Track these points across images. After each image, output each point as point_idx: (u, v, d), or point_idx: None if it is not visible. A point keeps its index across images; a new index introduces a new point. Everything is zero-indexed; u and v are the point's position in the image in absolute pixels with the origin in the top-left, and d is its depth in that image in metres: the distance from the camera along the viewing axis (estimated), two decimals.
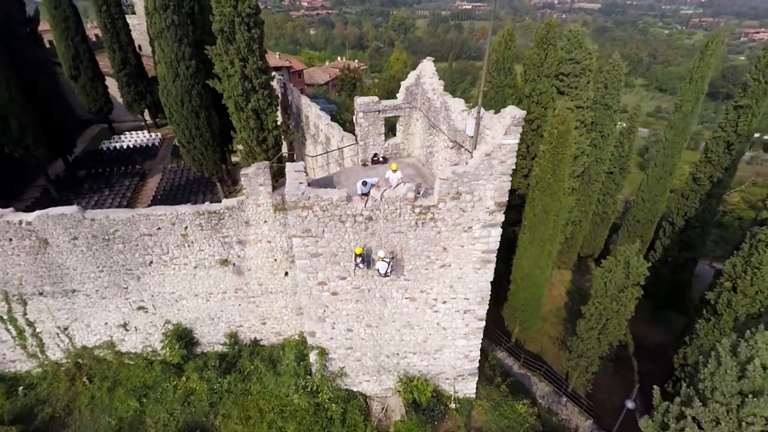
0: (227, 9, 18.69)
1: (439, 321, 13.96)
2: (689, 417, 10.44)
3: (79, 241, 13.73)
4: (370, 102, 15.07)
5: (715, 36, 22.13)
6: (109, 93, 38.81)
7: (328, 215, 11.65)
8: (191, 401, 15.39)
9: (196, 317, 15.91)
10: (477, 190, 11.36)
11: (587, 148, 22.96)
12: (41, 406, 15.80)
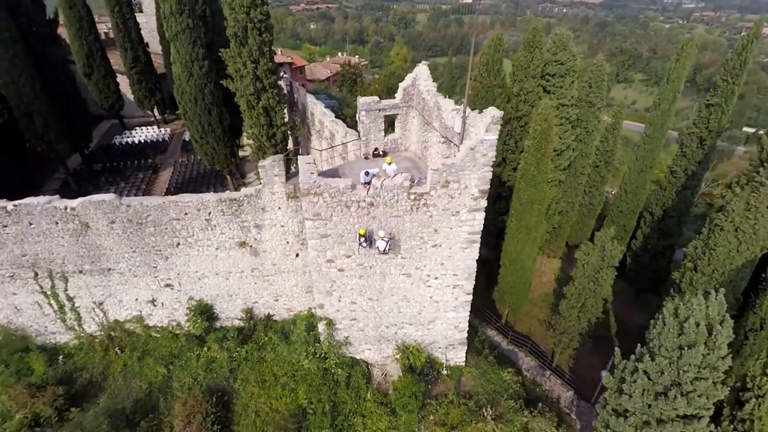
0: (241, 15, 20.44)
1: (432, 295, 15.97)
2: (641, 370, 12.42)
3: (116, 224, 15.69)
4: (372, 102, 16.94)
5: (690, 40, 23.91)
6: (120, 90, 40.60)
7: (336, 201, 13.59)
8: (213, 368, 17.44)
9: (216, 294, 17.91)
10: (463, 179, 13.29)
11: (572, 143, 24.83)
12: (79, 372, 17.85)
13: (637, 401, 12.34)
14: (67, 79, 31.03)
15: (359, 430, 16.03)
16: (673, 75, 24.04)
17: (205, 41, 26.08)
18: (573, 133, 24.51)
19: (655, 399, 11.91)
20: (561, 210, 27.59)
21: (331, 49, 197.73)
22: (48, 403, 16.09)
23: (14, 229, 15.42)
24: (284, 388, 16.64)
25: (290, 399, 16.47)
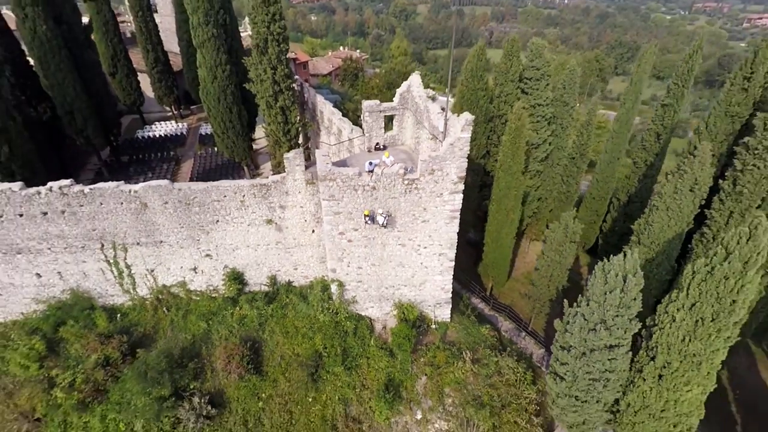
0: (262, 29, 24.11)
1: (422, 261, 19.96)
2: (579, 314, 16.40)
3: (168, 204, 19.63)
4: (374, 104, 20.77)
5: (649, 48, 27.42)
6: (140, 87, 44.25)
7: (346, 185, 17.49)
8: (245, 322, 21.52)
9: (246, 263, 21.93)
10: (445, 168, 17.16)
11: (548, 137, 28.60)
12: (134, 327, 21.96)
13: (576, 337, 16.36)
14: (100, 80, 34.85)
15: (364, 368, 20.22)
16: (635, 78, 27.72)
17: (226, 47, 29.82)
18: (549, 129, 28.27)
19: (587, 333, 15.92)
20: (540, 197, 31.46)
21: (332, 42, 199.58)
22: (116, 348, 20.25)
23: (88, 209, 19.39)
24: (304, 337, 20.77)
25: (309, 345, 20.61)
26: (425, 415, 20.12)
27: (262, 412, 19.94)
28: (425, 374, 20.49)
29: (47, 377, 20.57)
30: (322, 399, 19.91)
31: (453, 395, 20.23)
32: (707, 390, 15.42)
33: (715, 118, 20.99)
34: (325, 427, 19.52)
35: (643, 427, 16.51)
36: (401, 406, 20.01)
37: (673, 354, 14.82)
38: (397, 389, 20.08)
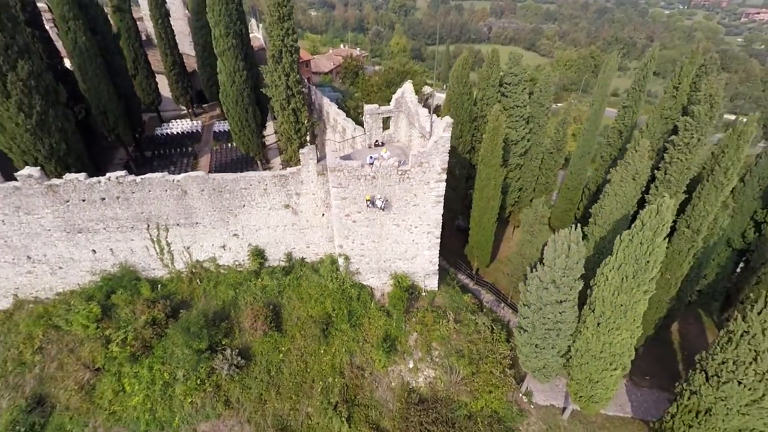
0: (278, 42, 28.22)
1: (414, 238, 24.28)
2: (536, 276, 20.71)
3: (204, 192, 23.90)
4: (374, 108, 25.00)
5: (611, 58, 31.46)
6: (158, 88, 48.31)
7: (351, 175, 21.74)
8: (266, 290, 25.89)
9: (267, 242, 26.25)
10: (431, 161, 21.40)
11: (526, 135, 32.82)
12: (173, 295, 26.31)
13: (533, 294, 20.73)
14: (128, 83, 39.01)
15: (366, 326, 24.64)
16: (601, 83, 31.86)
17: (242, 55, 33.91)
18: (527, 128, 32.49)
19: (542, 291, 20.27)
20: (520, 187, 35.74)
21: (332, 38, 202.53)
22: (161, 311, 24.65)
23: (138, 195, 23.67)
24: (316, 301, 25.17)
25: (320, 308, 25.01)
26: (416, 364, 24.58)
27: (282, 362, 24.40)
28: (416, 331, 24.94)
29: (103, 336, 24.98)
30: (332, 351, 24.38)
31: (439, 348, 24.68)
32: (635, 335, 19.78)
33: (653, 120, 25.19)
34: (334, 374, 23.99)
35: (588, 368, 20.91)
36: (396, 357, 24.47)
37: (607, 305, 19.16)
38: (393, 343, 24.53)
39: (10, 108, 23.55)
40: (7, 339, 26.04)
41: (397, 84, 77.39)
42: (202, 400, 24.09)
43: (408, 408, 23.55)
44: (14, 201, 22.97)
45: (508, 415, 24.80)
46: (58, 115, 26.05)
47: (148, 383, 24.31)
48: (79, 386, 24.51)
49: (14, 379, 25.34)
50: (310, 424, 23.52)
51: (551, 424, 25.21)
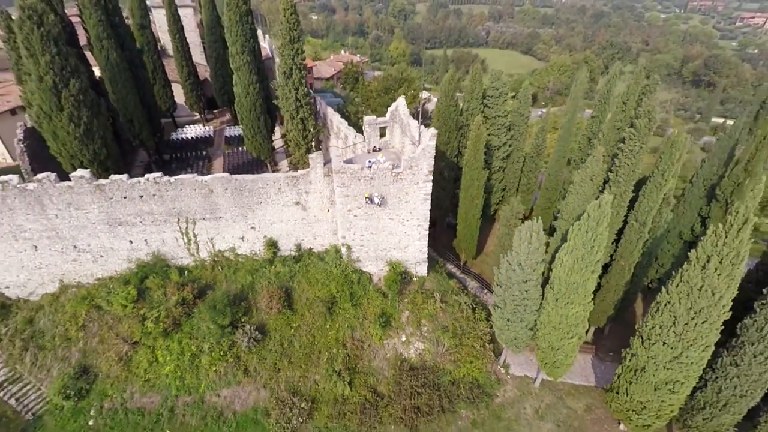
0: (288, 60, 32.56)
1: (406, 231, 28.59)
2: (506, 261, 25.01)
3: (228, 190, 28.21)
4: (372, 119, 29.37)
5: (581, 72, 35.78)
6: (174, 96, 52.71)
7: (353, 176, 26.05)
8: (279, 275, 30.18)
9: (280, 234, 30.54)
10: (419, 165, 25.72)
11: (508, 141, 37.17)
12: (198, 280, 30.58)
13: (504, 275, 25.04)
14: (150, 92, 43.40)
15: (365, 305, 28.97)
16: (573, 95, 36.22)
17: (255, 70, 38.27)
18: (508, 135, 36.84)
19: (510, 272, 24.56)
20: (504, 187, 40.07)
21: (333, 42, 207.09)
22: (189, 292, 28.95)
23: (172, 193, 27.97)
24: (322, 285, 29.48)
25: (326, 290, 29.32)
26: (408, 338, 28.88)
27: (293, 336, 28.69)
28: (408, 310, 29.26)
29: (139, 314, 29.25)
30: (336, 326, 28.69)
31: (427, 324, 28.98)
32: (587, 309, 24.03)
33: (608, 130, 29.55)
34: (338, 346, 28.28)
35: (550, 337, 25.18)
36: (391, 332, 28.78)
37: (562, 284, 23.43)
38: (388, 320, 28.83)
39: (63, 119, 27.94)
40: (54, 318, 30.31)
41: (395, 90, 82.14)
42: (225, 369, 28.39)
43: (400, 375, 27.84)
44: (67, 198, 27.29)
45: (487, 383, 29.09)
46: (100, 125, 30.42)
47: (178, 355, 28.60)
48: (119, 357, 28.79)
49: (62, 351, 29.61)
50: (317, 389, 27.81)
51: (524, 391, 29.49)
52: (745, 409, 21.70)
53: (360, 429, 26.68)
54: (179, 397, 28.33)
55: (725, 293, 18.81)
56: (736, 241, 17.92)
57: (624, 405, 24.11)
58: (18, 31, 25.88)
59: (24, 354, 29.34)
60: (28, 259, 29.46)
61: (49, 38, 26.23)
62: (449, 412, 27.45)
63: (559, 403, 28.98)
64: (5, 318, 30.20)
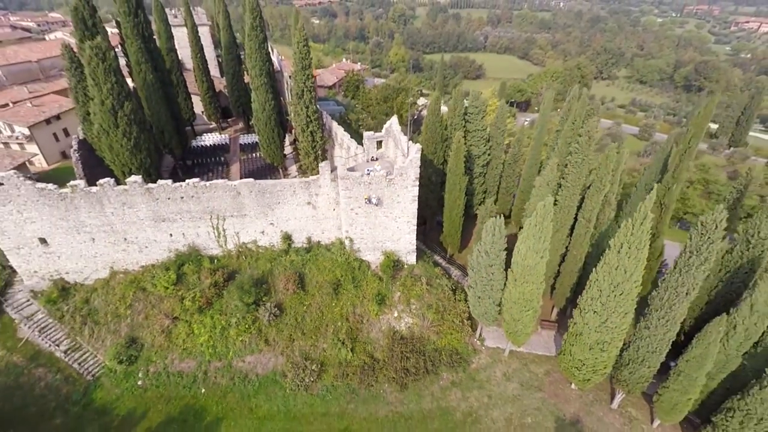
0: (300, 84, 39.16)
1: (398, 226, 35.19)
2: (476, 250, 31.54)
3: (252, 193, 34.83)
4: (371, 134, 36.02)
5: (548, 93, 42.37)
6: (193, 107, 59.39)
7: (355, 181, 32.66)
8: (293, 263, 36.78)
9: (294, 228, 37.15)
10: (408, 173, 32.33)
11: (486, 150, 43.74)
12: (226, 267, 37.17)
13: (475, 261, 31.60)
14: (177, 106, 50.14)
15: (364, 287, 35.58)
16: (542, 111, 42.77)
17: (271, 88, 44.93)
18: (486, 146, 43.43)
19: (479, 258, 31.11)
20: (485, 190, 46.66)
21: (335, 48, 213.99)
22: (220, 276, 35.55)
23: (207, 195, 34.58)
24: (329, 270, 36.08)
25: (332, 275, 35.91)
26: (399, 314, 35.47)
27: (305, 312, 35.30)
28: (399, 291, 35.85)
29: (177, 295, 35.82)
30: (340, 304, 35.28)
31: (415, 303, 35.59)
32: (540, 288, 30.50)
33: (561, 143, 36.13)
34: (342, 320, 34.87)
35: (511, 310, 31.70)
36: (385, 309, 35.36)
37: (519, 267, 29.95)
38: (383, 299, 35.42)
39: (118, 135, 34.62)
40: (106, 298, 36.91)
41: (393, 99, 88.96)
42: (249, 339, 34.97)
43: (393, 343, 34.40)
44: (122, 199, 33.89)
45: (464, 352, 35.66)
46: (145, 139, 37.10)
47: (210, 328, 35.18)
48: (161, 330, 35.36)
49: (113, 326, 36.19)
50: (325, 355, 34.38)
51: (495, 359, 36.02)
52: (658, 363, 28.23)
53: (360, 386, 33.26)
54: (211, 362, 34.87)
55: (634, 271, 25.33)
56: (639, 232, 24.43)
57: (568, 363, 30.68)
58: (86, 65, 32.53)
59: (83, 328, 35.92)
60: (86, 249, 36.04)
61: (110, 70, 32.90)
62: (432, 374, 34.00)
63: (523, 368, 35.51)
64: (66, 299, 36.80)
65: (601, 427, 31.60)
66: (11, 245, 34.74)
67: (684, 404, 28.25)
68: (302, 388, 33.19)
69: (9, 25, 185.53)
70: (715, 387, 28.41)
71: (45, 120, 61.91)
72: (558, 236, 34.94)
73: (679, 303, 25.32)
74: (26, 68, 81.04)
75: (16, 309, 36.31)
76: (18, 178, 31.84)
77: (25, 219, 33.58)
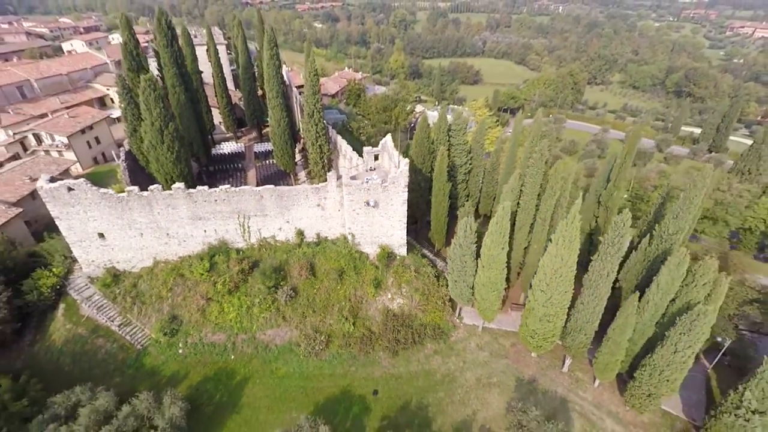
0: (311, 106, 47.59)
1: (391, 224, 43.65)
2: (454, 243, 39.89)
3: (272, 196, 43.31)
4: (369, 149, 44.53)
5: (519, 117, 50.75)
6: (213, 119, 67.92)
7: (356, 188, 41.09)
8: (305, 254, 45.27)
9: (306, 226, 45.62)
10: (398, 181, 40.74)
11: (467, 161, 52.10)
12: (249, 257, 45.62)
13: (452, 251, 39.98)
14: (203, 121, 58.74)
15: (364, 274, 44.06)
16: (514, 130, 51.08)
17: (285, 106, 53.43)
18: (468, 156, 51.81)
19: (456, 249, 39.46)
20: (468, 194, 55.04)
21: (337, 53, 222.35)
22: (246, 264, 44.04)
23: (236, 198, 43.04)
24: (335, 260, 44.55)
25: (337, 264, 44.38)
26: (392, 295, 43.88)
27: (315, 294, 43.73)
28: (392, 277, 44.26)
29: (210, 280, 44.26)
30: (344, 288, 43.72)
31: (405, 287, 44.01)
32: (503, 273, 38.80)
33: (523, 157, 44.42)
34: (345, 300, 43.32)
35: (481, 291, 40.03)
36: (381, 291, 43.77)
37: (485, 256, 38.26)
38: (379, 283, 43.82)
39: (164, 149, 43.09)
40: (150, 283, 45.34)
41: (391, 109, 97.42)
42: (269, 316, 43.37)
43: (386, 319, 42.77)
44: (167, 201, 42.33)
45: (446, 327, 44.04)
46: (184, 152, 45.63)
47: (238, 307, 43.59)
48: (197, 309, 43.78)
49: (157, 305, 44.62)
50: (331, 328, 42.78)
51: (471, 333, 44.38)
52: (592, 332, 36.56)
53: (359, 353, 41.64)
54: (238, 335, 43.26)
55: (569, 259, 33.62)
56: (571, 229, 32.68)
57: (525, 333, 39.02)
58: (141, 93, 41.03)
59: (132, 307, 44.38)
60: (136, 242, 44.50)
61: (158, 98, 41.40)
62: (419, 344, 42.38)
63: (493, 341, 43.86)
64: (117, 283, 45.28)
65: (553, 385, 39.94)
66: (75, 239, 43.19)
67: (614, 364, 36.54)
68: (313, 354, 41.57)
69: (24, 32, 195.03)
70: (638, 351, 36.68)
71: (80, 130, 70.55)
72: (521, 233, 43.34)
73: (603, 282, 33.69)
74: (58, 81, 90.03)
75: (77, 291, 44.82)
76: (86, 185, 40.31)
77: (88, 217, 42.04)
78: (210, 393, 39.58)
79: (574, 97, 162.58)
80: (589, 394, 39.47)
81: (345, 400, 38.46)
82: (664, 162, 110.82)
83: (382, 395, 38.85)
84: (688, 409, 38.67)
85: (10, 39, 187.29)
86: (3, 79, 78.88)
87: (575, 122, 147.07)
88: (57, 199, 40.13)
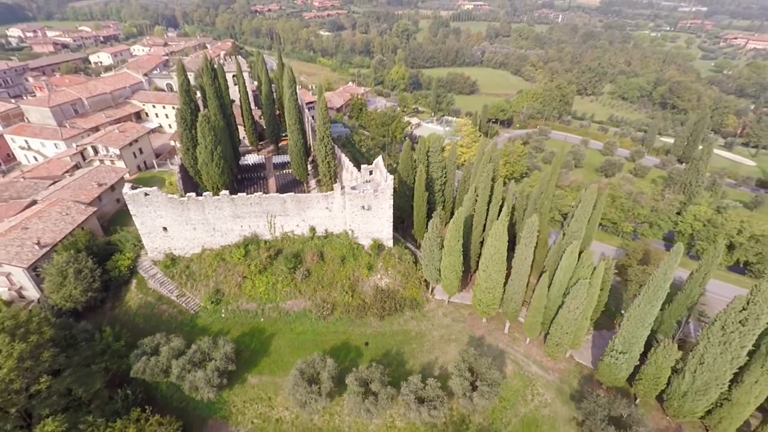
0: (323, 133, 63.78)
1: (381, 223, 59.89)
2: (427, 237, 55.94)
3: (293, 201, 59.65)
4: (366, 166, 60.95)
5: (483, 142, 66.97)
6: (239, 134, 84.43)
7: (355, 195, 57.32)
8: (316, 244, 61.61)
9: (316, 223, 61.93)
10: (386, 191, 56.92)
11: (442, 175, 68.14)
12: (274, 246, 61.93)
13: (425, 244, 56.04)
14: (233, 137, 75.37)
15: (360, 260, 60.29)
16: (479, 151, 67.08)
17: (301, 129, 69.80)
18: (443, 172, 67.91)
19: (426, 242, 55.50)
20: (443, 200, 71.12)
21: (342, 63, 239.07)
22: (272, 252, 60.40)
23: (266, 202, 59.40)
24: (338, 250, 60.90)
25: (340, 252, 60.67)
26: (381, 276, 60.06)
27: (323, 274, 60.01)
28: (381, 262, 60.41)
29: (245, 263, 60.58)
30: (345, 270, 59.96)
31: (391, 270, 60.19)
32: (459, 259, 54.75)
33: (477, 174, 60.43)
34: (346, 279, 59.60)
35: (445, 273, 55.98)
36: (372, 273, 59.95)
37: (446, 247, 54.18)
38: (371, 267, 60.01)
39: (213, 166, 59.61)
40: (199, 265, 61.79)
41: (389, 124, 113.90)
42: (289, 290, 59.62)
43: (376, 293, 58.90)
44: (216, 204, 58.73)
45: (421, 300, 60.20)
46: (226, 166, 62.11)
47: (266, 283, 59.88)
48: (236, 284, 60.13)
49: (204, 282, 61.02)
50: (335, 300, 58.97)
51: (439, 305, 60.47)
52: (520, 301, 52.46)
53: (356, 318, 57.79)
54: (266, 304, 59.45)
55: (500, 246, 49.51)
56: (501, 226, 48.54)
57: (475, 302, 54.96)
58: (199, 125, 57.51)
59: (186, 282, 60.78)
60: (190, 234, 60.91)
61: (211, 128, 57.92)
62: (400, 312, 58.50)
63: (455, 311, 59.87)
64: (174, 265, 61.70)
65: (495, 341, 55.89)
66: (145, 231, 59.70)
67: (536, 325, 52.46)
68: (321, 318, 57.72)
69: (51, 42, 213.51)
70: (552, 316, 52.55)
71: (129, 143, 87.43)
72: (477, 231, 59.38)
73: (524, 264, 49.66)
74: (103, 98, 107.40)
75: (144, 270, 61.36)
76: (158, 191, 56.76)
77: (157, 215, 58.53)
78: (246, 343, 55.82)
79: (563, 109, 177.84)
80: (521, 348, 55.41)
81: (345, 349, 54.59)
82: (632, 172, 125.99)
83: (372, 346, 54.95)
84: (595, 360, 54.52)
85: (38, 49, 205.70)
86: (62, 98, 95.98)
87: (561, 133, 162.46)
88: (136, 201, 56.64)
